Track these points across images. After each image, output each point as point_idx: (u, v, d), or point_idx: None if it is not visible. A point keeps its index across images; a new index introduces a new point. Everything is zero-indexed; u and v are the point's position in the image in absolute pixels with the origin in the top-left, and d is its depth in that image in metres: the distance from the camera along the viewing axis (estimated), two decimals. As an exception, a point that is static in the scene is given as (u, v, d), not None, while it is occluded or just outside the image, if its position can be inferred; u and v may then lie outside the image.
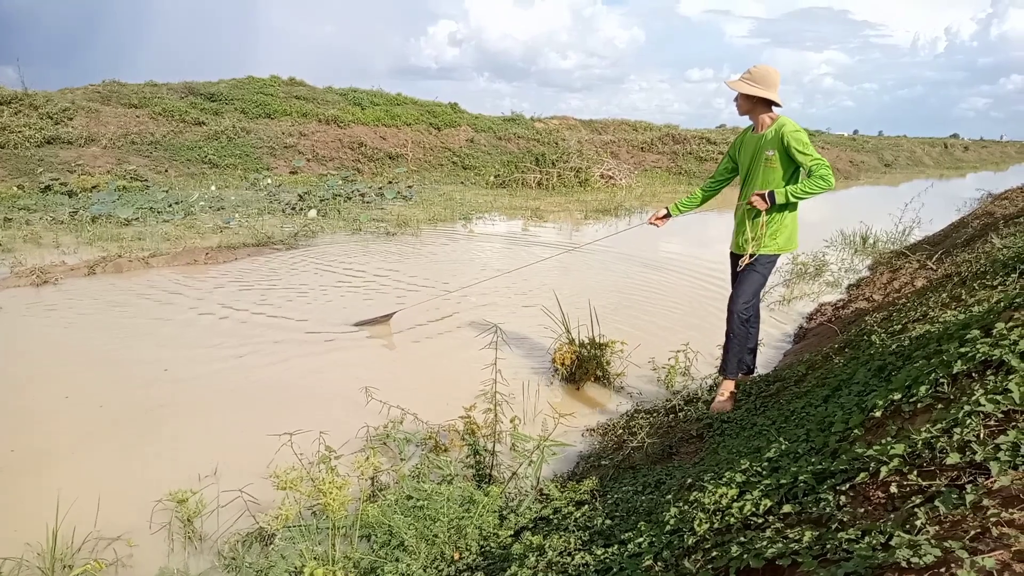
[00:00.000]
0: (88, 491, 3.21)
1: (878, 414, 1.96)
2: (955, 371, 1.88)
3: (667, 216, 4.22)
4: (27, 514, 3.09)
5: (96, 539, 2.92)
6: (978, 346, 1.92)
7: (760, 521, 1.72)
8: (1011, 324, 1.98)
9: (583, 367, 4.73)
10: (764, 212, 3.71)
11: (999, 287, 3.62)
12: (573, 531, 2.33)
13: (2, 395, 4.47)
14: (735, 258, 3.98)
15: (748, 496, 1.85)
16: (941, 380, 1.89)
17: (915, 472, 1.52)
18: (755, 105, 3.71)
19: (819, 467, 1.79)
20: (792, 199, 3.64)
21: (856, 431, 1.95)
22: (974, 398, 1.63)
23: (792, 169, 3.65)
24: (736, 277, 3.98)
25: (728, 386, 3.86)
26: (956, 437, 1.53)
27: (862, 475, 1.62)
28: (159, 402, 4.38)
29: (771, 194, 3.65)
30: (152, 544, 2.94)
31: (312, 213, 12.25)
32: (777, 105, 3.71)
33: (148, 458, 3.73)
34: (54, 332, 5.73)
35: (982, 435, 1.50)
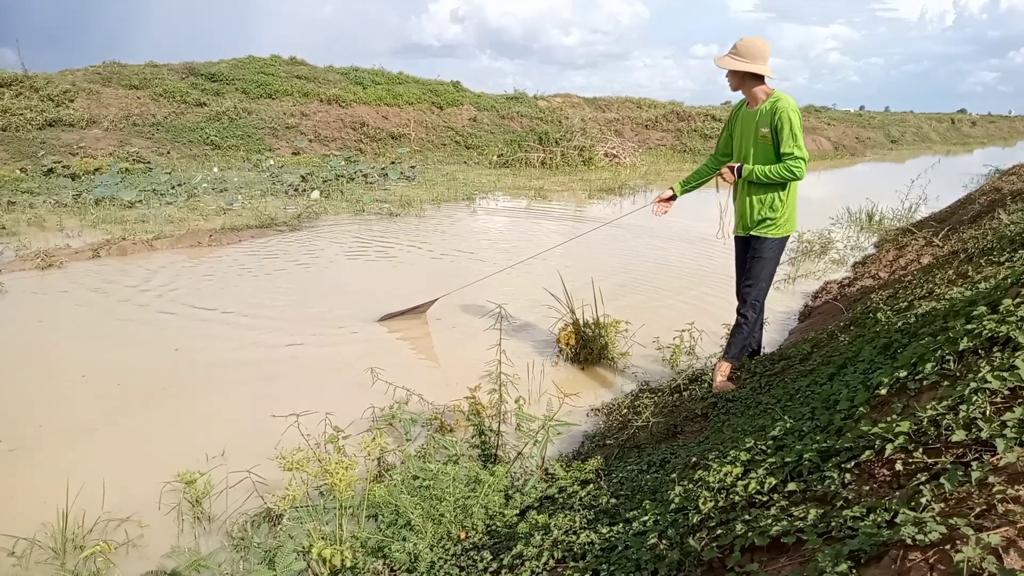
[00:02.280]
0: (97, 472, 3.24)
1: (883, 392, 1.95)
2: (961, 348, 1.87)
3: (673, 198, 4.05)
4: (40, 494, 3.13)
5: (106, 520, 2.96)
6: (984, 323, 1.91)
7: (765, 499, 1.73)
8: (1018, 300, 1.96)
9: (587, 347, 4.74)
10: (730, 184, 3.77)
11: (1006, 263, 3.59)
12: (578, 510, 2.35)
13: (13, 375, 4.50)
14: (740, 241, 3.91)
15: (753, 474, 1.85)
16: (947, 357, 1.88)
17: (921, 450, 1.51)
18: (743, 80, 3.60)
19: (824, 445, 1.79)
20: (756, 178, 3.60)
21: (861, 409, 1.95)
22: (980, 375, 1.62)
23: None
24: (741, 262, 3.92)
25: (725, 368, 3.82)
26: (962, 414, 1.52)
27: (867, 453, 1.62)
28: (168, 383, 4.41)
29: (739, 168, 3.65)
30: (162, 525, 2.97)
31: (315, 194, 12.22)
32: (762, 78, 3.59)
33: (157, 439, 3.76)
34: (62, 314, 5.76)
35: (988, 412, 1.50)
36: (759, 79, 3.58)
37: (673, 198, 4.06)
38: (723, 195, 3.99)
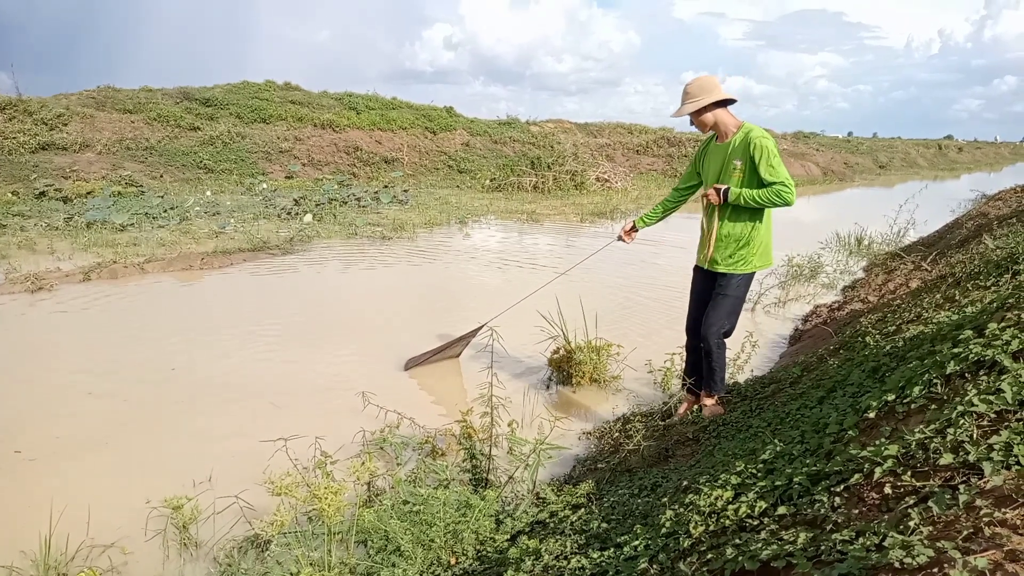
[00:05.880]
0: (81, 497, 3.19)
1: (872, 415, 1.96)
2: (948, 372, 1.89)
3: (635, 229, 3.98)
4: (20, 518, 3.08)
5: (90, 546, 2.91)
6: (971, 346, 1.93)
7: (755, 523, 1.72)
8: (1003, 324, 1.99)
9: (579, 370, 4.73)
10: (717, 210, 3.52)
11: (992, 287, 3.64)
12: (569, 535, 2.33)
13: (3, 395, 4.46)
14: (699, 272, 3.77)
15: (743, 498, 1.85)
16: (935, 381, 1.89)
17: (909, 473, 1.52)
18: (710, 113, 3.45)
19: (814, 468, 1.79)
20: (744, 202, 3.37)
21: (850, 432, 1.96)
22: (967, 398, 1.63)
23: (758, 180, 3.36)
24: (696, 292, 3.81)
25: (710, 401, 3.75)
26: (949, 437, 1.53)
27: (856, 476, 1.62)
28: (161, 404, 4.37)
29: (726, 190, 3.42)
30: (147, 551, 2.93)
31: (308, 218, 12.23)
32: (730, 102, 3.46)
33: (143, 463, 3.71)
34: (52, 336, 5.71)
35: (975, 435, 1.50)
36: (723, 105, 3.46)
37: (635, 229, 3.99)
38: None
